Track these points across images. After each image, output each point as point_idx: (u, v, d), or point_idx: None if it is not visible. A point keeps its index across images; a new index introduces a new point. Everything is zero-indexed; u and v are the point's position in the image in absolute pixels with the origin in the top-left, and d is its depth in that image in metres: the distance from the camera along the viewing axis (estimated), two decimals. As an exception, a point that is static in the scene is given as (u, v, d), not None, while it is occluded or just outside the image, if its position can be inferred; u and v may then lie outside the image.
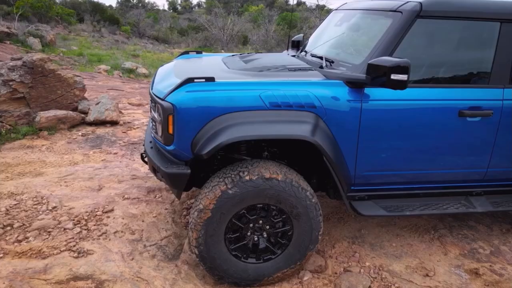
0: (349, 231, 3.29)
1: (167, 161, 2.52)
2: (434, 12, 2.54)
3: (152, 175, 4.00)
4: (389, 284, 2.71)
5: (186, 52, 3.77)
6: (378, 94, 2.54)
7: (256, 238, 2.57)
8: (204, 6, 56.19)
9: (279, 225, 2.55)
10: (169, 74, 2.90)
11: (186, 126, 2.35)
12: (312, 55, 3.18)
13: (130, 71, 11.94)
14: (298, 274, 2.74)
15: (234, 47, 27.01)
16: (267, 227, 2.55)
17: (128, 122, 5.60)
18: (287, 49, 4.04)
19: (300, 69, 2.78)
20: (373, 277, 2.78)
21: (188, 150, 2.40)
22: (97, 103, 5.49)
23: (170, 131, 2.38)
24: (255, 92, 2.40)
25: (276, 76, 2.64)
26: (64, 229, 2.97)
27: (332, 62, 2.84)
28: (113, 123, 5.41)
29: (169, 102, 2.34)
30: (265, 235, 2.57)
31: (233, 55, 3.57)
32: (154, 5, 52.69)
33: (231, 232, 2.51)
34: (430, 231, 3.32)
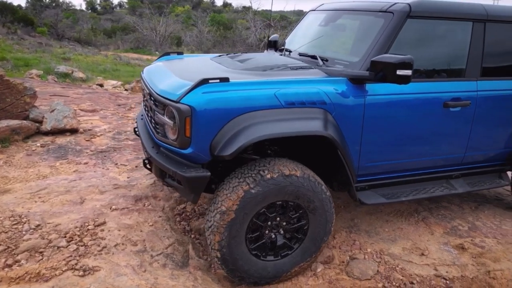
0: (343, 221, 3.45)
1: (181, 165, 2.44)
2: (421, 13, 2.78)
3: (134, 183, 3.83)
4: (394, 266, 2.90)
5: (167, 54, 3.65)
6: (377, 89, 2.71)
7: (273, 236, 2.60)
8: (127, 6, 54.09)
9: (295, 220, 2.61)
10: (167, 74, 2.81)
11: (205, 128, 2.31)
12: (301, 54, 3.28)
13: (66, 75, 11.11)
14: (311, 266, 2.82)
15: (168, 48, 26.37)
16: (284, 223, 2.59)
17: (89, 130, 5.24)
18: (267, 49, 4.09)
19: (301, 68, 2.85)
20: (378, 261, 2.95)
21: (207, 153, 2.36)
22: (52, 111, 5.06)
23: (188, 134, 2.31)
24: (270, 91, 2.43)
25: (281, 75, 2.69)
26: (58, 247, 2.73)
27: (326, 60, 2.96)
28: (73, 131, 5.02)
29: (186, 104, 2.27)
30: (282, 232, 2.61)
31: (220, 56, 3.54)
32: (70, 4, 49.27)
33: (251, 232, 2.51)
34: (413, 214, 3.60)
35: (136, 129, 3.47)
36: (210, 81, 2.33)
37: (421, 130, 2.94)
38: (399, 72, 2.42)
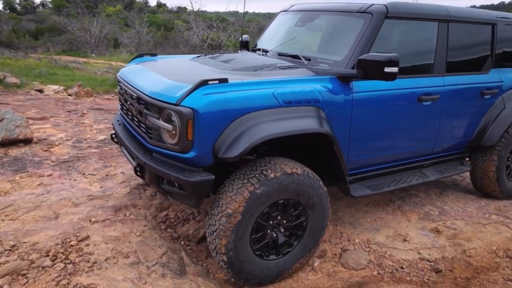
0: (327, 215, 3.55)
1: (181, 170, 2.36)
2: (396, 14, 2.95)
3: (109, 193, 3.62)
4: (382, 254, 3.06)
5: (140, 55, 3.50)
6: (362, 87, 2.84)
7: (275, 235, 2.61)
8: (50, 6, 50.70)
9: (295, 217, 2.64)
10: (153, 76, 2.70)
11: (208, 130, 2.26)
12: (280, 54, 3.32)
13: (-3, 81, 10.12)
14: (308, 262, 2.88)
15: (105, 50, 25.13)
16: (284, 221, 2.62)
17: (44, 139, 4.84)
18: (240, 49, 4.08)
19: (289, 67, 2.89)
20: (367, 250, 3.09)
21: (210, 156, 2.31)
22: (1, 120, 4.61)
23: (190, 137, 2.25)
24: (269, 90, 2.44)
25: (273, 74, 2.71)
26: (43, 267, 2.50)
27: (309, 59, 3.04)
28: (27, 141, 4.61)
29: (188, 107, 2.21)
30: (282, 230, 2.64)
31: (198, 57, 3.47)
32: (-17, 4, 45.03)
33: (255, 232, 2.50)
34: (389, 203, 3.82)
35: (114, 136, 3.29)
36: (209, 82, 2.29)
37: (400, 124, 3.13)
38: (386, 69, 2.56)
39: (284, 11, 3.89)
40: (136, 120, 2.72)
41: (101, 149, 4.73)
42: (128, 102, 2.83)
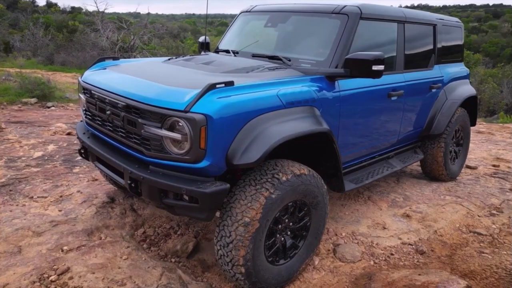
0: (308, 213, 3.61)
1: (191, 181, 2.19)
2: (367, 15, 3.11)
3: (73, 215, 3.21)
4: (370, 244, 3.20)
5: (102, 59, 3.14)
6: (345, 85, 2.94)
7: (283, 238, 2.57)
8: None
9: (300, 218, 2.63)
10: (139, 82, 2.46)
11: (222, 136, 2.13)
12: (254, 55, 3.27)
13: None
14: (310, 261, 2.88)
15: (-4, 56, 22.08)
16: (291, 224, 2.59)
17: (-34, 161, 4.09)
18: (204, 51, 3.91)
19: (277, 68, 2.86)
20: (355, 242, 3.21)
21: (223, 163, 2.18)
22: None
23: (202, 145, 2.09)
24: (273, 92, 2.39)
25: (264, 76, 2.66)
26: (27, 312, 2.12)
27: (289, 60, 3.05)
28: None
29: (200, 113, 2.05)
30: (289, 233, 2.60)
31: (169, 59, 3.23)
32: None
33: (267, 239, 2.43)
34: (359, 195, 4.01)
35: (82, 151, 2.91)
36: (217, 86, 2.16)
37: (375, 119, 3.31)
38: (374, 67, 2.68)
39: (246, 11, 3.84)
40: (123, 131, 2.44)
41: (43, 167, 4.15)
42: (108, 112, 2.52)
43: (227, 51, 3.56)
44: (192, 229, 3.26)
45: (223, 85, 2.18)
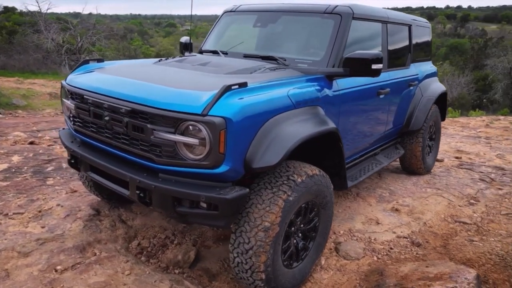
0: (302, 213, 3.60)
1: (208, 187, 2.09)
2: (358, 15, 3.16)
3: (60, 232, 2.96)
4: (368, 239, 3.26)
5: (86, 61, 2.92)
6: (342, 84, 2.97)
7: (295, 241, 2.53)
8: None
9: (311, 219, 2.61)
10: (139, 84, 2.31)
11: (241, 139, 2.06)
12: (246, 56, 3.20)
13: None
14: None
15: None
16: (302, 225, 2.56)
17: None
18: (188, 52, 3.76)
19: (277, 69, 2.82)
20: (355, 239, 3.25)
21: (242, 167, 2.10)
22: None
23: (222, 150, 2.00)
24: (283, 92, 2.36)
25: (267, 76, 2.60)
26: None
27: (284, 60, 3.02)
28: None
29: (219, 116, 1.96)
30: (300, 235, 2.57)
31: (160, 60, 3.07)
32: None
33: (284, 242, 2.38)
34: (348, 192, 4.08)
35: (73, 161, 2.68)
36: (232, 87, 2.07)
37: (368, 116, 3.38)
38: (373, 66, 2.72)
39: (230, 11, 3.75)
40: (126, 137, 2.27)
41: (12, 180, 3.79)
42: (106, 117, 2.33)
43: (214, 52, 3.46)
44: (189, 237, 3.13)
45: (237, 86, 2.11)
